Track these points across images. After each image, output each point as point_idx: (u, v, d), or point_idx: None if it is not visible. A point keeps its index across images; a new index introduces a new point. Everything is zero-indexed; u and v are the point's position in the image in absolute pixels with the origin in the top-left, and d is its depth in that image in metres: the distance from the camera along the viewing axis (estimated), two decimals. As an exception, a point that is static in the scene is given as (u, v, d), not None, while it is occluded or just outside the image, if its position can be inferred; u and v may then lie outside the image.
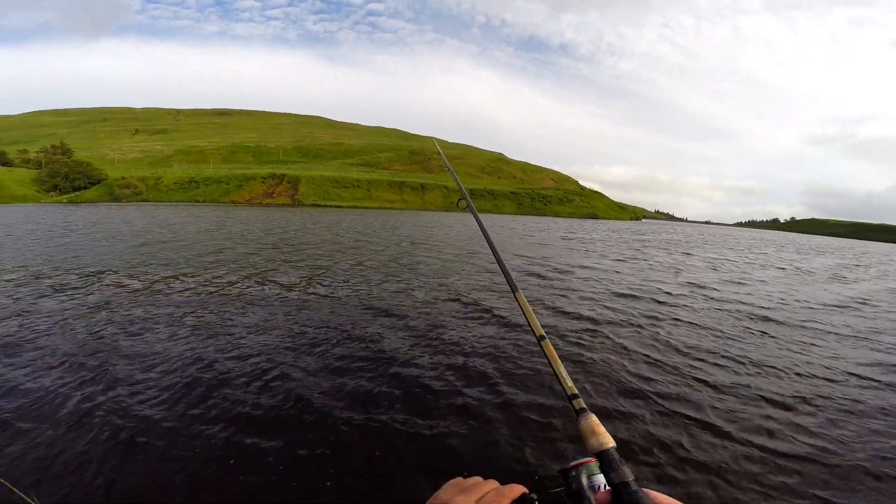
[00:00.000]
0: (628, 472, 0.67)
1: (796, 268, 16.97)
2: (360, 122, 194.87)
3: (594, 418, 0.79)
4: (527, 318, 1.09)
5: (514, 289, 1.25)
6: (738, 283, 11.39)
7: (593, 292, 8.30)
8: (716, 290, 9.81)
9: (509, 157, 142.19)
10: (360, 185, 67.76)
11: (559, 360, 0.90)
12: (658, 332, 5.80)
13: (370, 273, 9.21)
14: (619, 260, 14.50)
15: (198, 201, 55.87)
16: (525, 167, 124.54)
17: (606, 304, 7.29)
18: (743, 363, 4.84)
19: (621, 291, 8.61)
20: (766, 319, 7.16)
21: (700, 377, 4.34)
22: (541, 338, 1.03)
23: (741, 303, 8.43)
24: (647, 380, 4.19)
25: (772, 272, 14.65)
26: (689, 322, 6.55)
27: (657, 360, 4.73)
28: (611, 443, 0.73)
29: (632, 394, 3.87)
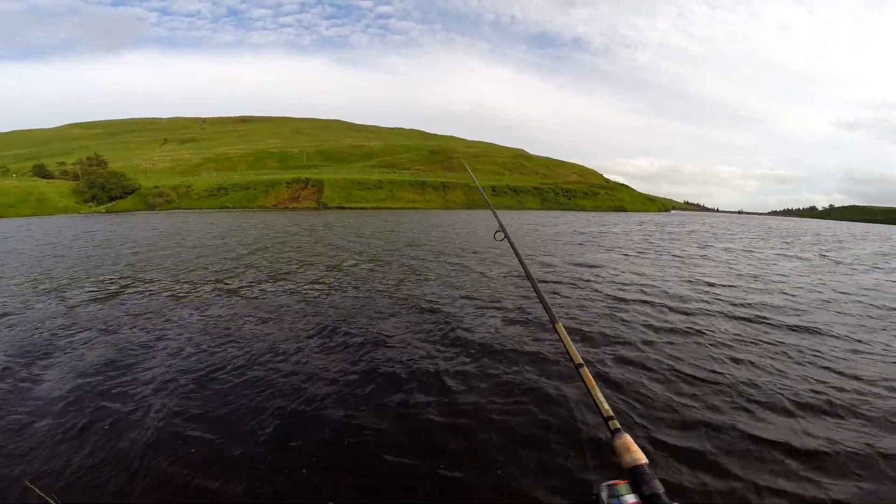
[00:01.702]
0: (659, 485, 0.72)
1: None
2: (379, 124, 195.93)
3: (628, 437, 0.85)
4: (566, 348, 1.17)
5: (553, 320, 1.28)
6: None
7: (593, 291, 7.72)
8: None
9: (531, 152, 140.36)
10: (383, 186, 67.99)
11: (596, 386, 1.03)
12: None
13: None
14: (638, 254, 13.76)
15: (227, 207, 57.20)
16: (547, 162, 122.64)
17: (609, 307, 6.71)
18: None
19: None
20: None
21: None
22: (579, 365, 1.10)
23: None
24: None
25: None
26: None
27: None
28: (643, 459, 0.79)
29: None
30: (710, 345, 4.90)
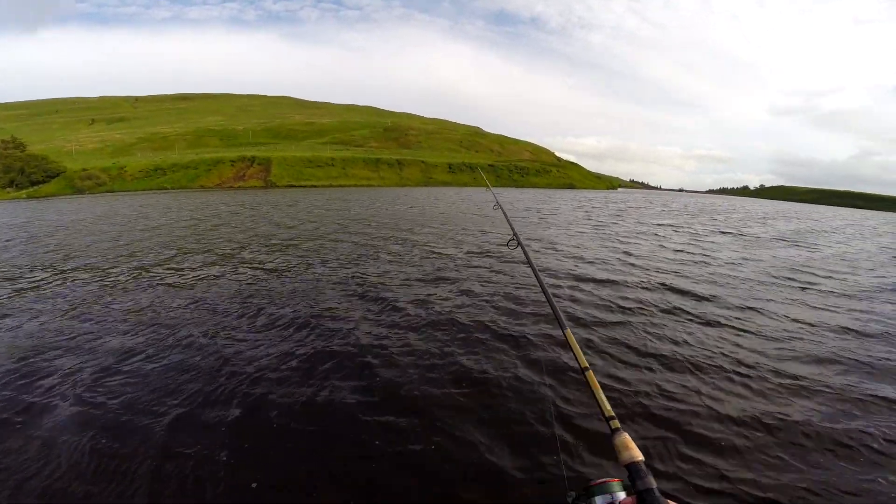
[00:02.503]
0: (652, 481, 0.78)
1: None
2: (331, 101, 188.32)
3: (627, 436, 0.90)
4: (574, 353, 1.26)
5: (563, 326, 1.40)
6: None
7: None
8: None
9: (486, 130, 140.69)
10: (335, 163, 66.16)
11: (600, 388, 1.10)
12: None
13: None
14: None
15: (165, 188, 53.69)
16: (502, 140, 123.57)
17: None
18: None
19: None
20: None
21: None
22: (585, 369, 1.18)
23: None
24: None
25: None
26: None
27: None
28: (640, 456, 0.85)
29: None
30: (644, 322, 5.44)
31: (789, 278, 7.83)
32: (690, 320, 5.12)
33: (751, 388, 3.50)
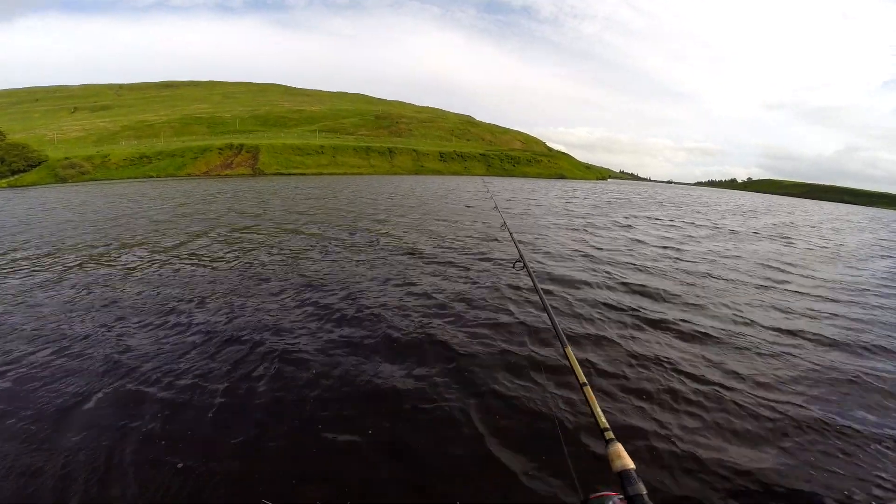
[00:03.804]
0: (642, 487, 0.84)
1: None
2: (321, 88, 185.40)
3: (619, 446, 0.97)
4: (573, 369, 1.32)
5: (563, 344, 1.46)
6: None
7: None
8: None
9: (478, 119, 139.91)
10: (325, 151, 65.35)
11: (596, 402, 1.17)
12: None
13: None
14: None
15: (151, 177, 52.72)
16: (493, 129, 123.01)
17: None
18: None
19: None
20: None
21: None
22: (583, 384, 1.23)
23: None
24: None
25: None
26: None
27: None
28: (631, 465, 0.91)
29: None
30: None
31: (753, 273, 7.87)
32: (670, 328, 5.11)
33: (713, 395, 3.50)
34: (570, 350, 1.45)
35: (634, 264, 7.57)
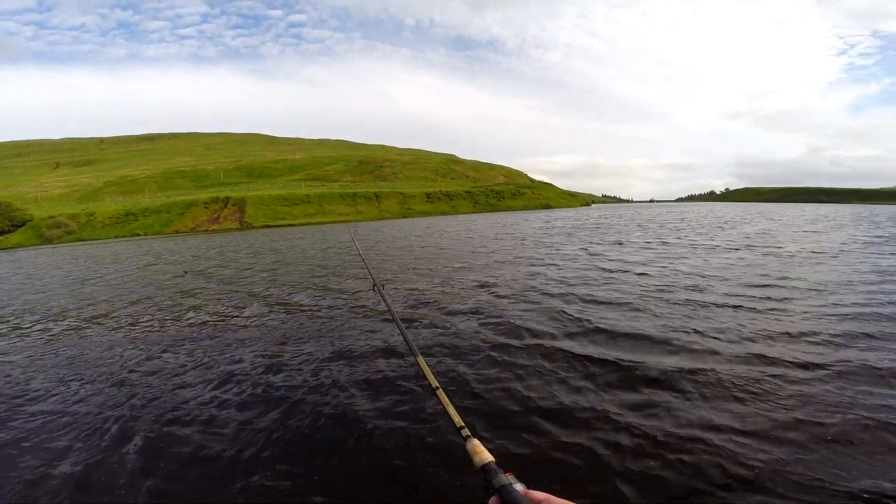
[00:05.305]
0: (504, 478, 0.84)
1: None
2: (302, 136, 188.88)
3: (476, 441, 0.98)
4: (424, 373, 1.37)
5: (414, 353, 1.52)
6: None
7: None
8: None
9: (460, 156, 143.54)
10: (311, 200, 66.13)
11: (450, 403, 1.19)
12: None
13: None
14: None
15: (138, 234, 52.44)
16: (476, 165, 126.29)
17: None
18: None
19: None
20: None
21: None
22: (435, 388, 1.28)
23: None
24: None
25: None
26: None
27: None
28: (489, 458, 0.92)
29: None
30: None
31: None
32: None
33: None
34: (421, 359, 1.48)
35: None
